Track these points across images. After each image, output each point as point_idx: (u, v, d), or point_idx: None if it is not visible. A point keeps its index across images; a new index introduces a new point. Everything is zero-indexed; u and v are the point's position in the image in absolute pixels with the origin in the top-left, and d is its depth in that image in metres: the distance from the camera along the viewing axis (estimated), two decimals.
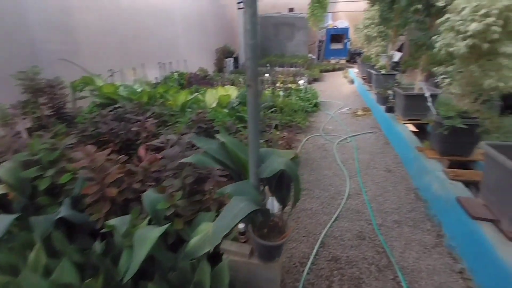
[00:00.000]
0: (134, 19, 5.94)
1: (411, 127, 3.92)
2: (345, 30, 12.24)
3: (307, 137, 4.29)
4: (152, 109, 3.20)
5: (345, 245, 2.13)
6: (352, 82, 8.80)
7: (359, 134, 4.42)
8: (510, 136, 2.70)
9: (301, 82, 6.63)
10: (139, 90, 3.89)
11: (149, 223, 1.64)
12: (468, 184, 2.38)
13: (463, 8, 2.41)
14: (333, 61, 12.69)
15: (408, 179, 3.02)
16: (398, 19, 5.17)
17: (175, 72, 6.74)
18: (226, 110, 3.38)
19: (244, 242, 1.57)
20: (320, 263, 1.97)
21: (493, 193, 1.86)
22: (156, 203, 1.63)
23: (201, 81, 6.68)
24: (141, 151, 2.21)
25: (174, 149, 1.93)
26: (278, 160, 1.30)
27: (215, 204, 1.73)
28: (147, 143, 2.51)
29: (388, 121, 4.30)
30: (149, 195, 1.66)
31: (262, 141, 2.91)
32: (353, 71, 9.55)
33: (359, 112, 5.61)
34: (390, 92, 4.76)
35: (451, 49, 2.52)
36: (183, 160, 1.57)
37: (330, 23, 12.70)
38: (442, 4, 2.81)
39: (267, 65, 10.07)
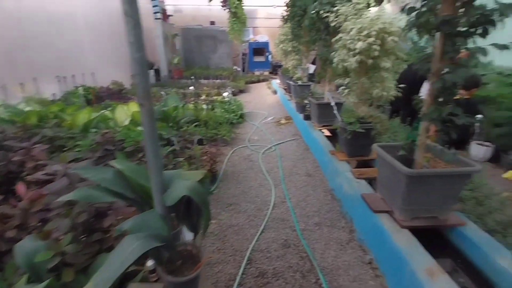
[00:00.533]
0: (23, 26, 4.98)
1: (327, 132, 4.33)
2: (266, 44, 13.05)
3: (233, 149, 4.27)
4: (42, 132, 2.66)
5: (271, 257, 2.12)
6: (275, 92, 9.35)
7: (282, 142, 4.65)
8: (397, 136, 3.22)
9: (225, 94, 6.67)
10: (26, 109, 3.20)
11: (29, 280, 1.29)
12: (371, 180, 2.71)
13: (351, 29, 2.79)
14: (257, 73, 13.32)
15: (325, 181, 3.28)
16: (307, 36, 5.74)
17: (80, 86, 5.90)
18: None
19: (155, 281, 1.37)
20: (247, 282, 1.90)
21: (385, 187, 2.15)
22: (35, 254, 1.29)
23: (114, 95, 6.02)
24: (20, 187, 1.76)
25: (61, 182, 1.59)
26: (181, 185, 1.18)
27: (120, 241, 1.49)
28: (34, 176, 2.04)
29: (306, 128, 4.65)
30: (23, 246, 1.31)
31: (182, 158, 2.73)
32: (276, 82, 10.19)
33: (282, 121, 5.94)
34: (306, 101, 5.19)
35: (345, 64, 2.87)
36: (60, 199, 1.28)
37: (251, 37, 13.35)
38: (335, 25, 3.21)
39: (192, 77, 9.85)
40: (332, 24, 3.24)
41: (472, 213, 2.14)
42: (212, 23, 12.57)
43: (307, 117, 4.92)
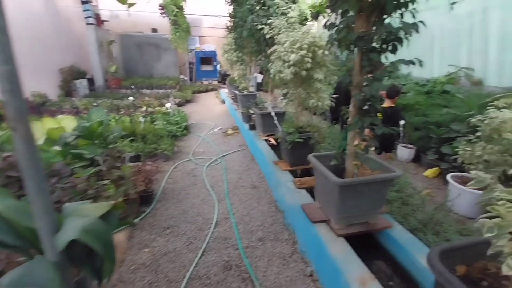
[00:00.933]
0: None
1: (273, 141, 4.36)
2: (213, 53, 12.94)
3: (175, 164, 4.00)
4: None
5: (211, 284, 1.96)
6: (223, 102, 9.26)
7: (228, 154, 4.54)
8: (337, 144, 3.36)
9: (168, 105, 6.32)
10: None
11: None
12: (312, 189, 2.76)
13: (285, 42, 2.85)
14: (205, 82, 13.09)
15: (270, 192, 3.26)
16: (249, 46, 5.81)
17: None
18: (57, 148, 2.64)
19: None
20: None
21: (322, 197, 2.18)
22: None
23: (35, 109, 5.21)
24: None
25: None
26: (73, 225, 0.97)
27: None
28: None
29: (252, 138, 4.63)
30: None
31: (108, 180, 2.41)
32: (225, 92, 10.12)
33: (229, 131, 5.85)
34: (251, 111, 5.20)
35: (281, 75, 2.92)
36: None
37: (197, 46, 13.11)
38: (270, 37, 3.26)
39: (132, 87, 9.17)
40: (268, 36, 3.29)
41: (398, 214, 2.31)
42: (154, 30, 12.00)
43: (252, 127, 4.92)
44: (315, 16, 7.14)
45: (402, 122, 4.61)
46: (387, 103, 3.88)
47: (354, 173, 2.04)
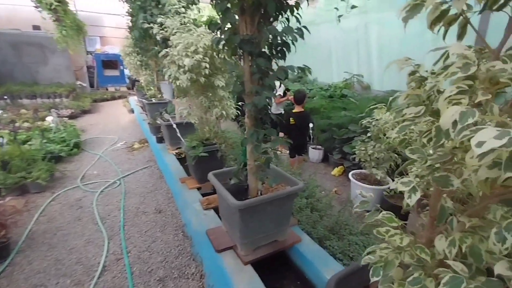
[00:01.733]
0: None
1: (182, 155, 3.92)
2: (118, 56, 11.46)
3: (54, 196, 3.14)
4: None
5: None
6: (132, 111, 8.22)
7: (131, 173, 3.88)
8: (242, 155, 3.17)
9: (49, 119, 5.11)
10: None
11: None
12: None
13: (178, 44, 2.51)
14: (111, 88, 11.50)
15: (178, 215, 2.84)
16: (152, 49, 5.21)
17: None
18: None
19: None
20: None
21: (226, 220, 1.93)
22: None
23: None
24: None
25: None
26: None
27: None
28: None
29: (159, 152, 4.09)
30: None
31: None
32: (134, 100, 9.02)
33: (136, 146, 5.10)
34: (158, 121, 4.63)
35: (178, 82, 2.56)
36: None
37: (98, 47, 11.42)
38: (163, 38, 2.87)
39: (5, 97, 7.20)
40: (159, 37, 2.88)
41: (308, 223, 2.26)
42: (36, 27, 9.81)
43: (161, 140, 4.37)
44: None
45: (311, 125, 4.88)
46: (297, 108, 3.98)
47: (258, 189, 1.86)
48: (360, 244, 2.04)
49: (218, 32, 1.56)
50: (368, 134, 3.16)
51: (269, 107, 1.58)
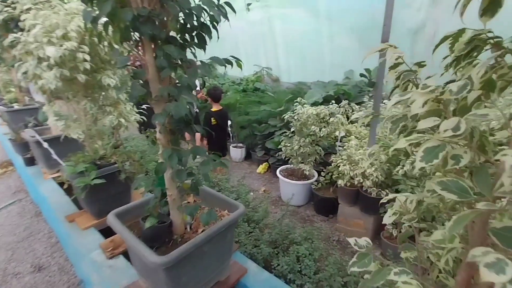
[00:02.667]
0: None
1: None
2: None
3: None
4: None
5: None
6: None
7: None
8: (153, 177, 2.56)
9: None
10: None
11: None
12: None
13: (34, 25, 1.68)
14: None
15: (70, 268, 2.04)
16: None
17: None
18: None
19: None
20: None
21: (145, 276, 1.39)
22: None
23: None
24: None
25: None
26: None
27: None
28: None
29: (31, 179, 2.94)
30: None
31: None
32: None
33: None
34: (24, 136, 3.34)
35: (41, 82, 1.74)
36: None
37: None
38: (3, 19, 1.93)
39: None
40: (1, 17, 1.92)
41: (250, 243, 1.94)
42: None
43: (31, 161, 3.17)
44: None
45: (229, 122, 4.56)
46: (216, 107, 3.64)
47: (186, 223, 1.39)
48: (307, 254, 1.87)
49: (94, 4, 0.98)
50: (292, 129, 3.08)
51: (193, 114, 1.12)
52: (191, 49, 1.17)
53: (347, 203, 2.55)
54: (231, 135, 4.64)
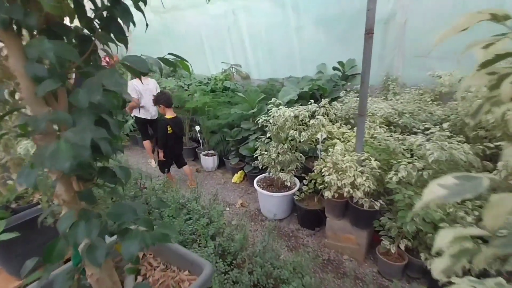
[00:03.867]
0: None
1: None
2: None
3: None
4: None
5: None
6: None
7: None
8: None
9: None
10: None
11: None
12: None
13: None
14: None
15: None
16: None
17: None
18: None
19: None
20: None
21: None
22: None
23: None
24: None
25: None
26: None
27: None
28: None
29: None
30: None
31: None
32: None
33: None
34: None
35: None
36: None
37: None
38: None
39: None
40: None
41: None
42: None
43: None
44: None
45: (197, 128, 4.09)
46: (170, 114, 3.28)
47: None
48: None
49: None
50: (268, 135, 2.71)
51: (108, 153, 0.70)
52: (106, 45, 0.73)
53: (336, 216, 2.25)
54: (201, 141, 4.18)
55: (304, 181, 2.69)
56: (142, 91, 3.90)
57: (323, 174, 2.27)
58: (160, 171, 3.56)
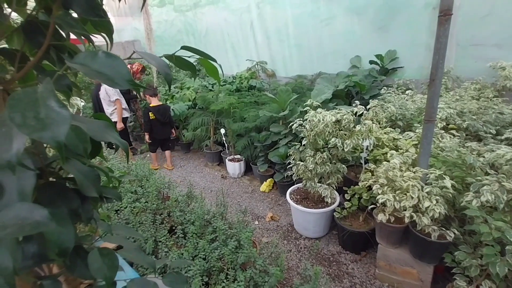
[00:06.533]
0: None
1: None
2: None
3: None
4: None
5: None
6: None
7: None
8: None
9: None
10: None
11: None
12: None
13: None
14: None
15: None
16: None
17: None
18: None
19: None
20: None
21: None
22: None
23: None
24: None
25: None
26: None
27: None
28: None
29: None
30: None
31: None
32: None
33: None
34: None
35: None
36: None
37: None
38: None
39: None
40: None
41: None
42: None
43: None
44: None
45: (222, 130, 3.83)
46: (154, 102, 3.79)
47: None
48: None
49: None
50: (304, 142, 2.35)
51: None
52: (76, 34, 0.42)
53: (391, 244, 1.85)
54: (226, 145, 3.91)
55: (346, 195, 2.31)
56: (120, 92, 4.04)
57: (371, 189, 1.87)
58: (150, 151, 4.20)
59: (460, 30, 3.14)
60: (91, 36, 0.46)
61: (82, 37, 0.46)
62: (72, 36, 0.46)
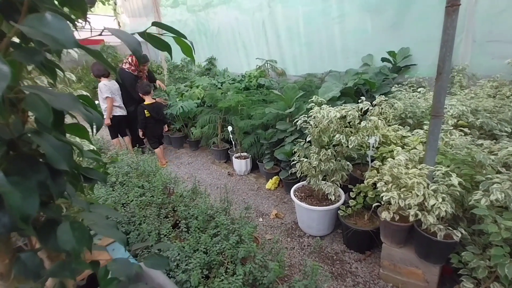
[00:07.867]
0: None
1: None
2: None
3: None
4: None
5: None
6: None
7: None
8: None
9: None
10: None
11: None
12: None
13: None
14: None
15: None
16: None
17: None
18: None
19: None
20: None
21: None
22: None
23: None
24: None
25: None
26: None
27: None
28: None
29: None
30: None
31: None
32: None
33: None
34: None
35: None
36: None
37: None
38: None
39: None
40: None
41: None
42: None
43: None
44: None
45: (229, 128, 3.84)
46: (148, 100, 3.97)
47: None
48: None
49: None
50: (308, 138, 2.32)
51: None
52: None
53: (396, 243, 1.79)
54: (233, 143, 3.93)
55: (350, 193, 2.26)
56: (115, 90, 4.07)
57: (376, 187, 1.83)
58: (152, 148, 4.30)
59: (477, 26, 3.01)
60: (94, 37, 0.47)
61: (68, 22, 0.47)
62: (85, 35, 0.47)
